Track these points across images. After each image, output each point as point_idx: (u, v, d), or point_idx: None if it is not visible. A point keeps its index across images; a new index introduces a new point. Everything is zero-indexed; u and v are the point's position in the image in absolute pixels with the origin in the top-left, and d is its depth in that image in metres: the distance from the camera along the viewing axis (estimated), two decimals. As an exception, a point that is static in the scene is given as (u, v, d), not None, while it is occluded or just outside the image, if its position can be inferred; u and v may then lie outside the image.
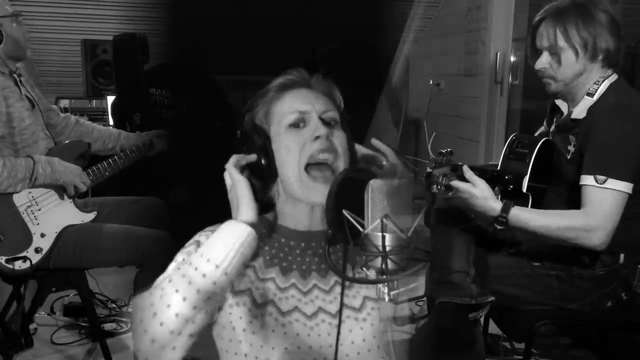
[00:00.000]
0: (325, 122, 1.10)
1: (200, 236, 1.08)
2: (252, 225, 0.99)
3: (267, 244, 1.13)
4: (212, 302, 0.95)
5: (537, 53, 1.86)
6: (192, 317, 0.92)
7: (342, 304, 1.08)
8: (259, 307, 1.06)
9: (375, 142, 1.21)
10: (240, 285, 1.08)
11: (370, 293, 1.14)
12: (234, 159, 1.07)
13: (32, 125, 2.23)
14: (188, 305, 0.91)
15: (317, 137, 1.07)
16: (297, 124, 1.09)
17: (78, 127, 2.56)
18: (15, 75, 2.27)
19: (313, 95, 1.13)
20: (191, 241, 1.08)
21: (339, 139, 1.10)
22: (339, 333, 1.06)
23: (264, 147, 1.08)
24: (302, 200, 1.10)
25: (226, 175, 1.05)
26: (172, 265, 1.04)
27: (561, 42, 1.78)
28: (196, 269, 0.93)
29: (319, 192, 1.05)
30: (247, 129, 1.11)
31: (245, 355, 1.05)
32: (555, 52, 1.80)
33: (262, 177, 1.08)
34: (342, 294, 1.08)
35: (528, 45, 1.92)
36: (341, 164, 1.09)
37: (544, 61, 1.84)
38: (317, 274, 1.12)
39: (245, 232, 0.97)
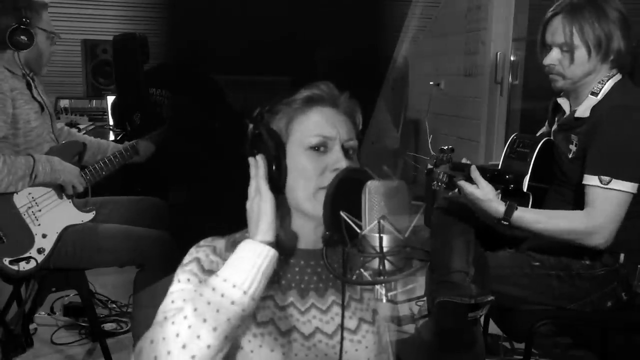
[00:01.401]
0: (346, 151, 1.07)
1: (199, 253, 1.04)
2: (271, 244, 0.97)
3: None
4: (241, 329, 0.94)
5: (547, 48, 1.84)
6: (222, 347, 0.91)
7: (342, 318, 1.07)
8: (259, 326, 1.04)
9: (385, 170, 1.19)
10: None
11: (365, 315, 1.13)
12: (262, 168, 1.02)
13: (38, 127, 2.24)
14: (219, 336, 0.89)
15: (336, 169, 1.04)
16: (319, 147, 1.06)
17: (70, 138, 2.56)
18: (28, 78, 2.28)
19: (338, 118, 1.09)
20: (189, 258, 1.04)
21: None
22: (341, 352, 1.05)
23: (278, 158, 1.04)
24: (310, 213, 1.07)
25: (252, 185, 1.02)
26: (175, 287, 1.00)
27: (576, 39, 1.76)
28: (222, 295, 0.91)
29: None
30: (263, 132, 1.06)
31: None
32: (568, 50, 1.78)
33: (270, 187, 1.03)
34: (342, 308, 1.07)
35: (538, 40, 1.88)
36: None
37: (554, 57, 1.81)
38: (315, 293, 1.10)
39: (269, 255, 0.95)
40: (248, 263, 0.93)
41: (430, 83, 4.05)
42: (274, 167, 1.03)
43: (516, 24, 3.56)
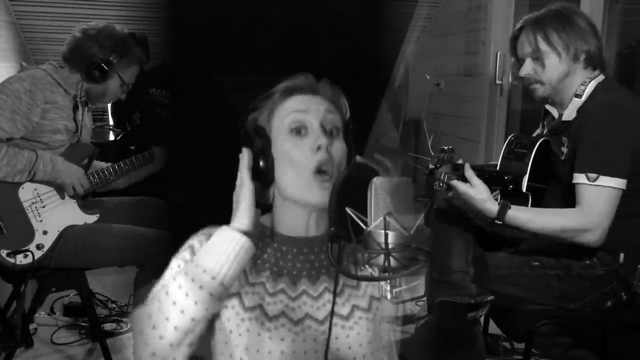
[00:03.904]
0: (326, 131, 1.07)
1: (194, 240, 1.07)
2: (247, 233, 0.98)
3: (259, 248, 1.11)
4: (209, 312, 0.95)
5: (520, 62, 1.90)
6: (191, 329, 0.93)
7: (332, 310, 1.07)
8: (247, 311, 1.06)
9: (377, 156, 1.20)
10: (230, 288, 1.06)
11: (360, 302, 1.13)
12: (247, 159, 1.04)
13: (64, 142, 2.28)
14: (186, 318, 0.92)
15: (318, 147, 1.05)
16: (299, 130, 1.06)
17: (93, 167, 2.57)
18: (78, 101, 2.33)
19: (317, 100, 1.10)
20: (185, 246, 1.07)
21: (338, 151, 1.07)
22: (329, 338, 1.06)
23: (264, 150, 1.06)
24: (299, 201, 1.08)
25: (238, 176, 1.04)
26: (167, 274, 1.03)
27: (543, 46, 1.82)
28: (192, 280, 0.94)
29: (316, 194, 1.04)
30: (249, 129, 1.08)
31: (231, 356, 1.05)
32: (537, 57, 1.84)
33: (260, 180, 1.05)
34: (333, 299, 1.07)
35: (511, 58, 1.98)
36: (335, 175, 1.06)
37: (527, 68, 1.87)
38: (307, 280, 1.11)
39: (240, 242, 0.97)
40: (219, 249, 0.96)
41: (427, 77, 4.04)
42: (260, 162, 1.05)
43: (516, 23, 3.55)
